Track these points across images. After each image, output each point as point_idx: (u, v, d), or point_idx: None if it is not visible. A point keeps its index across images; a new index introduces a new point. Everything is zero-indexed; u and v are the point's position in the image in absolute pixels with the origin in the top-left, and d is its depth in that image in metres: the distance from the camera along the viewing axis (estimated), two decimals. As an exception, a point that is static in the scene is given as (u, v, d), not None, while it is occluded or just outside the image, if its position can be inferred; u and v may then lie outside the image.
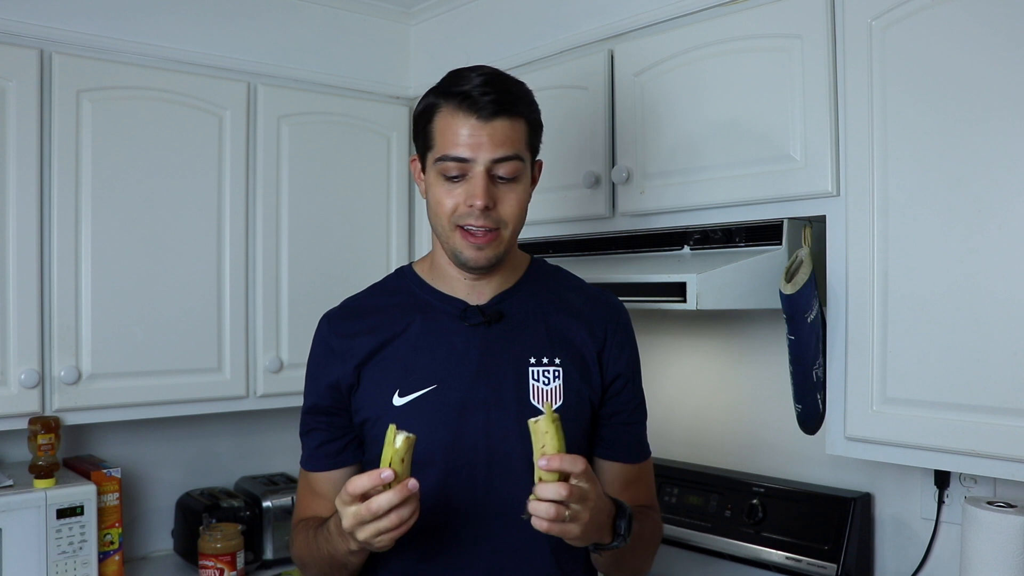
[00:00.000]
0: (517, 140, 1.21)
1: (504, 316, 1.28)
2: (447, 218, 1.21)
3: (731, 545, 1.92)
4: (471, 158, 1.18)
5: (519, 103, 1.22)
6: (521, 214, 1.24)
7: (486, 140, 1.18)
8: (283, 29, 2.24)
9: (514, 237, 1.25)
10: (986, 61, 1.33)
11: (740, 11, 1.65)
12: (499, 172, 1.19)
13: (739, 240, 1.70)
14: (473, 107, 1.18)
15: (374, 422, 1.25)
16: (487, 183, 1.18)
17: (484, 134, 1.18)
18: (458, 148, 1.18)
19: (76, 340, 1.93)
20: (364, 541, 1.08)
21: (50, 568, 1.84)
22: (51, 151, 1.90)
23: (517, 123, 1.21)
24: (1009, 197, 1.31)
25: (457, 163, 1.18)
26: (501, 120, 1.18)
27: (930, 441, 1.40)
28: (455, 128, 1.19)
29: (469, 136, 1.18)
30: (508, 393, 1.24)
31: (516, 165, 1.20)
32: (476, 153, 1.18)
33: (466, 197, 1.19)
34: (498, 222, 1.20)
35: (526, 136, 1.23)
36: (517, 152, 1.20)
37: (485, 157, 1.18)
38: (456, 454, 1.23)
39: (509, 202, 1.21)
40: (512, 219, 1.22)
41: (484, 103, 1.17)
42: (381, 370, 1.27)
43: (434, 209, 1.23)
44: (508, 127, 1.19)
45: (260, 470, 2.48)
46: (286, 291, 2.23)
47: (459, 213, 1.20)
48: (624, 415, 1.32)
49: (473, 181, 1.18)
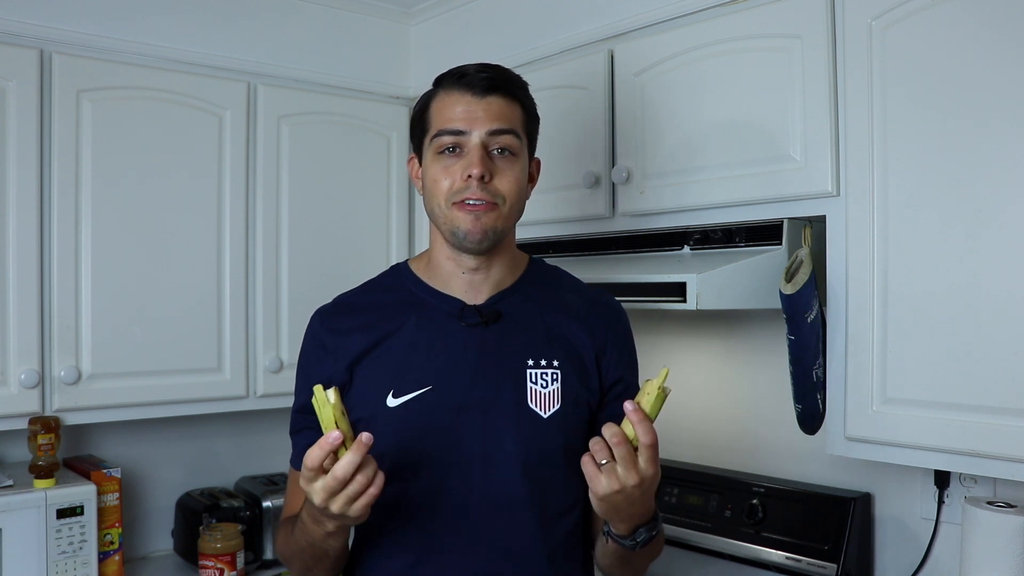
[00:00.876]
0: (513, 117, 1.22)
1: (502, 316, 1.26)
2: (444, 197, 1.21)
3: (731, 545, 1.92)
4: (466, 130, 1.19)
5: (514, 85, 1.24)
6: (519, 192, 1.24)
7: (481, 114, 1.20)
8: (283, 29, 2.24)
9: (512, 217, 1.25)
10: (986, 61, 1.33)
11: (740, 11, 1.65)
12: (495, 145, 1.20)
13: (739, 240, 1.70)
14: (468, 84, 1.20)
15: (367, 423, 1.21)
16: (483, 154, 1.19)
17: (479, 108, 1.20)
18: (454, 122, 1.20)
19: (76, 340, 1.93)
20: (339, 513, 1.05)
21: (50, 568, 1.84)
22: (51, 151, 1.90)
23: (512, 104, 1.23)
24: (1009, 197, 1.31)
25: (453, 136, 1.20)
26: (496, 97, 1.21)
27: (930, 441, 1.40)
28: (451, 105, 1.21)
29: (464, 111, 1.20)
30: (506, 395, 1.22)
31: (512, 140, 1.21)
32: (471, 126, 1.19)
33: (463, 170, 1.19)
34: (495, 196, 1.20)
35: (522, 118, 1.25)
36: (512, 127, 1.22)
37: (480, 129, 1.19)
38: (451, 456, 1.21)
39: (506, 177, 1.21)
40: (509, 195, 1.22)
41: (479, 79, 1.20)
42: (375, 369, 1.24)
43: (431, 190, 1.23)
44: (503, 104, 1.22)
45: (260, 470, 2.48)
46: (286, 291, 2.23)
47: (456, 189, 1.20)
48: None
49: (469, 154, 1.20)
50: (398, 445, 1.21)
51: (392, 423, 1.21)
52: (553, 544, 1.24)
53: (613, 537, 1.16)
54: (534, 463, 1.22)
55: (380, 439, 1.20)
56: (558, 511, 1.25)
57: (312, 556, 1.21)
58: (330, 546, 1.18)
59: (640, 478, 1.05)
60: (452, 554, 1.22)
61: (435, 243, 1.30)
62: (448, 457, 1.21)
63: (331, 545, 1.18)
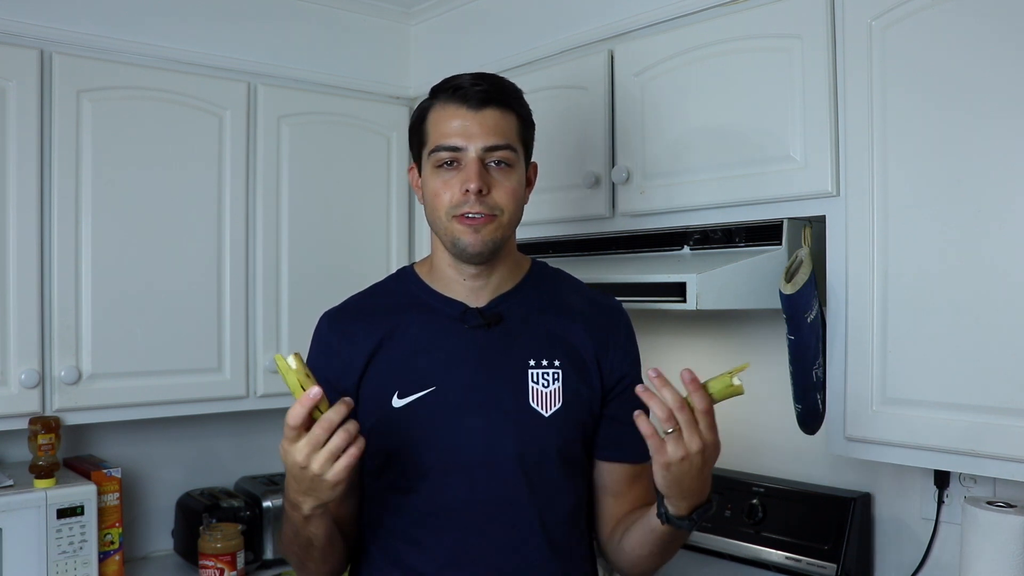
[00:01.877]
0: (508, 130, 1.24)
1: (503, 318, 1.28)
2: (444, 210, 1.23)
3: (731, 545, 1.92)
4: (463, 146, 1.21)
5: (508, 95, 1.26)
6: (516, 203, 1.26)
7: (477, 129, 1.21)
8: (283, 29, 2.24)
9: (511, 227, 1.26)
10: (986, 61, 1.33)
11: (740, 11, 1.65)
12: (491, 159, 1.22)
13: (739, 240, 1.70)
14: (463, 98, 1.22)
15: (373, 423, 1.24)
16: (480, 168, 1.21)
17: (475, 123, 1.22)
18: (450, 138, 1.22)
19: (76, 340, 1.93)
20: (319, 473, 1.04)
21: (50, 568, 1.84)
22: (51, 151, 1.90)
23: (507, 114, 1.25)
24: (1009, 197, 1.31)
25: (450, 152, 1.22)
26: (491, 109, 1.23)
27: (930, 441, 1.40)
28: (447, 119, 1.23)
29: (460, 126, 1.22)
30: (507, 395, 1.24)
31: (507, 154, 1.23)
32: (468, 141, 1.21)
33: (460, 184, 1.21)
34: (493, 208, 1.22)
35: (517, 129, 1.26)
36: (508, 142, 1.23)
37: (477, 145, 1.21)
38: (455, 455, 1.23)
39: (503, 188, 1.23)
40: (507, 206, 1.24)
41: (474, 92, 1.22)
42: (380, 371, 1.27)
43: (431, 203, 1.25)
44: (498, 116, 1.23)
45: (260, 470, 2.48)
46: (286, 291, 2.23)
47: (455, 203, 1.22)
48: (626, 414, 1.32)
49: (467, 168, 1.21)
50: (403, 444, 1.24)
51: (397, 423, 1.24)
52: (555, 541, 1.26)
53: (670, 519, 1.14)
54: (536, 461, 1.24)
55: (385, 439, 1.23)
56: (560, 508, 1.27)
57: (299, 546, 1.21)
58: (312, 534, 1.18)
59: (703, 443, 1.06)
60: (455, 551, 1.24)
61: (436, 250, 1.32)
62: (451, 456, 1.23)
63: (313, 533, 1.18)
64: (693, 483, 1.09)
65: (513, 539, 1.24)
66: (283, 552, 1.31)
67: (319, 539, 1.20)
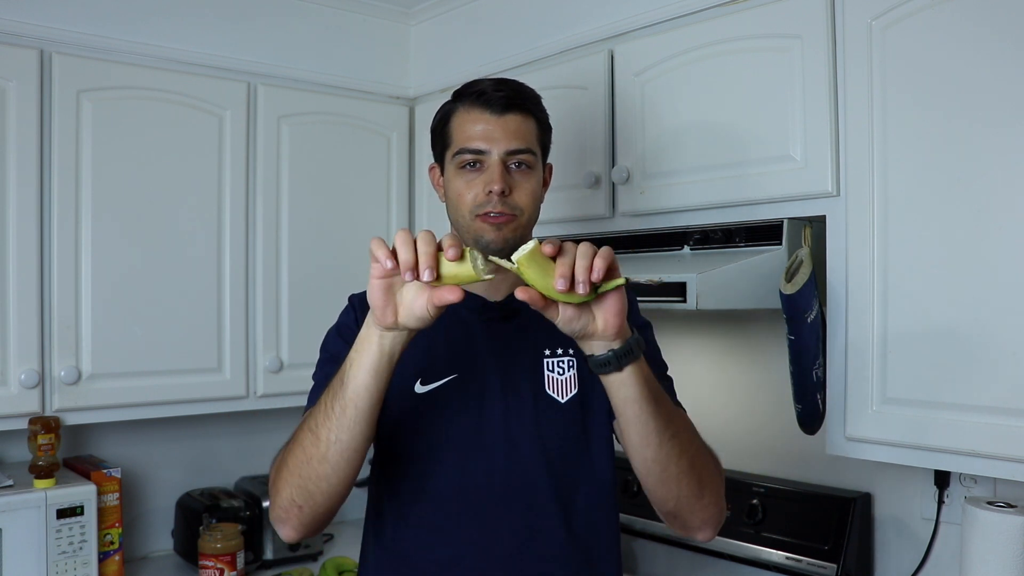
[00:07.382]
0: (528, 134, 1.30)
1: (520, 312, 1.31)
2: (468, 209, 1.28)
3: (731, 545, 1.92)
4: (487, 150, 1.27)
5: (528, 101, 1.32)
6: (535, 204, 1.31)
7: (500, 133, 1.27)
8: (283, 29, 2.24)
9: (529, 226, 1.31)
10: (986, 62, 1.33)
11: (740, 11, 1.65)
12: (512, 162, 1.28)
13: (739, 240, 1.70)
14: (487, 103, 1.28)
15: (397, 407, 1.27)
16: (502, 170, 1.26)
17: (498, 127, 1.27)
18: (474, 141, 1.27)
19: (76, 340, 1.93)
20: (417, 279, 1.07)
21: (50, 568, 1.84)
22: (51, 151, 1.90)
23: (528, 119, 1.31)
24: (1009, 197, 1.31)
25: (474, 154, 1.27)
26: (513, 115, 1.28)
27: (930, 441, 1.40)
28: (471, 123, 1.28)
29: (484, 130, 1.27)
30: (524, 384, 1.29)
31: (528, 157, 1.29)
32: (491, 145, 1.27)
33: (484, 185, 1.26)
34: (515, 208, 1.27)
35: (536, 133, 1.32)
36: (528, 146, 1.29)
37: (499, 149, 1.27)
38: (476, 440, 1.27)
39: (523, 190, 1.28)
40: (527, 207, 1.29)
41: (496, 98, 1.28)
42: (403, 357, 1.25)
43: (455, 202, 1.30)
44: (520, 121, 1.29)
45: (260, 470, 2.47)
46: (286, 291, 2.23)
47: (478, 203, 1.27)
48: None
49: (490, 170, 1.27)
50: (425, 429, 1.28)
51: (420, 409, 1.28)
52: (575, 525, 1.28)
53: (592, 364, 1.10)
54: (553, 447, 1.28)
55: (409, 423, 1.28)
56: (578, 492, 1.29)
57: (332, 416, 1.13)
58: (359, 406, 1.11)
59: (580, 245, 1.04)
60: (475, 535, 1.26)
61: None
62: (472, 442, 1.27)
63: (361, 399, 1.11)
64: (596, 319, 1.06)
65: (533, 521, 1.26)
66: (279, 465, 1.26)
67: (362, 412, 1.11)
